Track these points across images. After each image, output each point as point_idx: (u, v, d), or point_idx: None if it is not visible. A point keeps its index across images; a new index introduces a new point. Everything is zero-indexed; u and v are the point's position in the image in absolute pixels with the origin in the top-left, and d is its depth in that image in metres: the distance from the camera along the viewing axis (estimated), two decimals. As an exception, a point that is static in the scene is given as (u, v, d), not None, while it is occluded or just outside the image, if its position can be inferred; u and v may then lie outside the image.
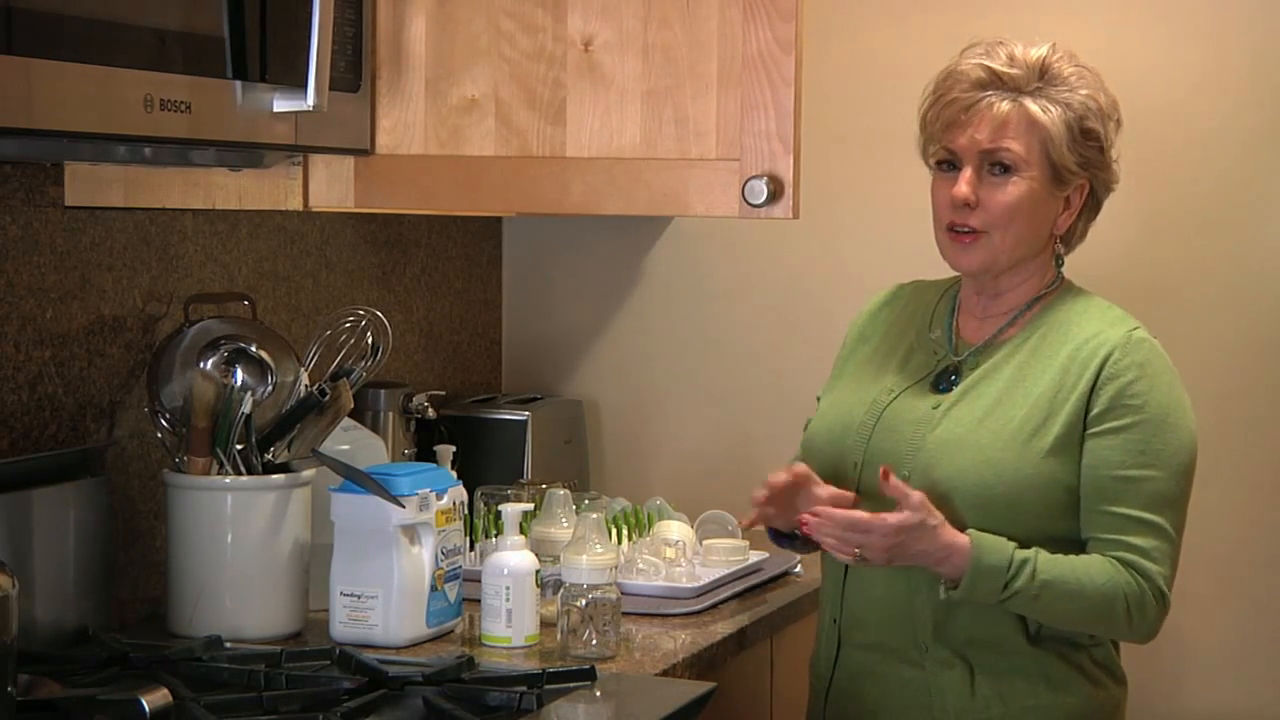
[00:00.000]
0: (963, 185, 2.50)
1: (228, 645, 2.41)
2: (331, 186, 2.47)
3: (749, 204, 2.34)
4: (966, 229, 2.51)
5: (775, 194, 2.34)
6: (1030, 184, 2.49)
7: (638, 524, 2.99)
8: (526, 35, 2.41)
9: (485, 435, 3.29)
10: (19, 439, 2.44)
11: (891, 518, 2.39)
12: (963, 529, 2.45)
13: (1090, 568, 2.44)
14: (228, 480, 2.51)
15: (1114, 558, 2.44)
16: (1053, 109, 2.49)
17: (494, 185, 2.45)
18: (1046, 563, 2.42)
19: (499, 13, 2.42)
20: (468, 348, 3.51)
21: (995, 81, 2.50)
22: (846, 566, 2.57)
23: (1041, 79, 2.51)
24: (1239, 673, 3.25)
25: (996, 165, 2.49)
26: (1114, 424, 2.49)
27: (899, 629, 2.54)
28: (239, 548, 2.51)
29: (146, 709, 2.07)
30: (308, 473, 2.56)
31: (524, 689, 2.22)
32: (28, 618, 2.21)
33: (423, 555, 2.52)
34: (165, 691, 2.11)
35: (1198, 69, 3.21)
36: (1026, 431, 2.47)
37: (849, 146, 3.21)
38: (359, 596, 2.50)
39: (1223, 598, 3.25)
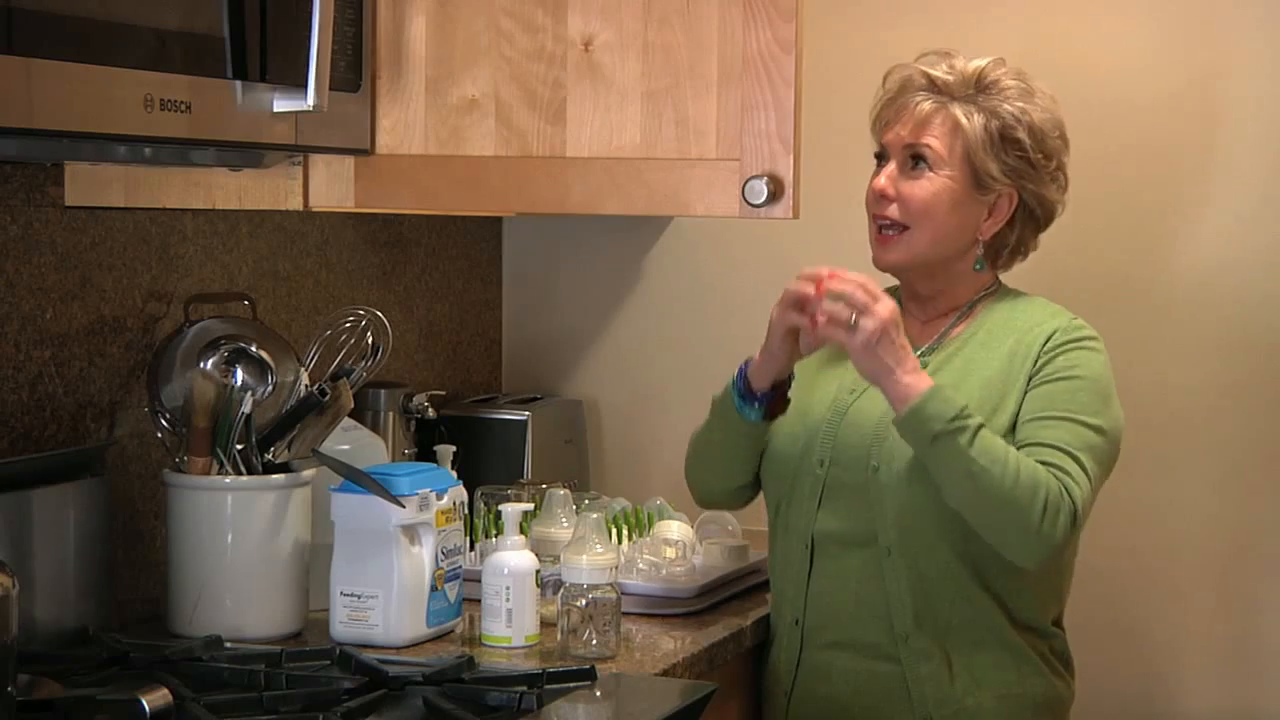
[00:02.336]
0: (881, 177, 2.64)
1: (228, 645, 2.41)
2: (331, 186, 2.47)
3: (749, 204, 2.35)
4: (890, 224, 2.62)
5: (775, 194, 2.34)
6: (948, 182, 2.60)
7: (638, 524, 2.99)
8: (526, 35, 2.41)
9: (485, 435, 3.29)
10: (19, 439, 2.44)
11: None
12: (931, 517, 2.54)
13: (1023, 457, 2.50)
14: (228, 480, 2.51)
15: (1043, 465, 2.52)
16: (976, 115, 2.61)
17: (494, 185, 2.45)
18: (989, 431, 2.49)
19: (499, 13, 2.42)
20: (468, 348, 3.51)
21: (929, 86, 2.63)
22: (810, 565, 2.63)
23: (976, 88, 2.63)
24: (1239, 673, 3.25)
25: (915, 159, 2.59)
26: (1049, 378, 2.58)
27: (874, 623, 2.59)
28: (239, 548, 2.51)
29: (146, 709, 2.07)
30: (308, 473, 2.56)
31: (524, 689, 2.22)
32: (28, 618, 2.21)
33: (423, 555, 2.52)
34: (165, 691, 2.11)
35: (1184, 67, 3.21)
36: (984, 414, 2.54)
37: (849, 146, 3.20)
38: (359, 596, 2.50)
39: (1222, 598, 3.25)
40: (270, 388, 2.55)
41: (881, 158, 2.66)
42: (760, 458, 2.70)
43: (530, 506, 2.71)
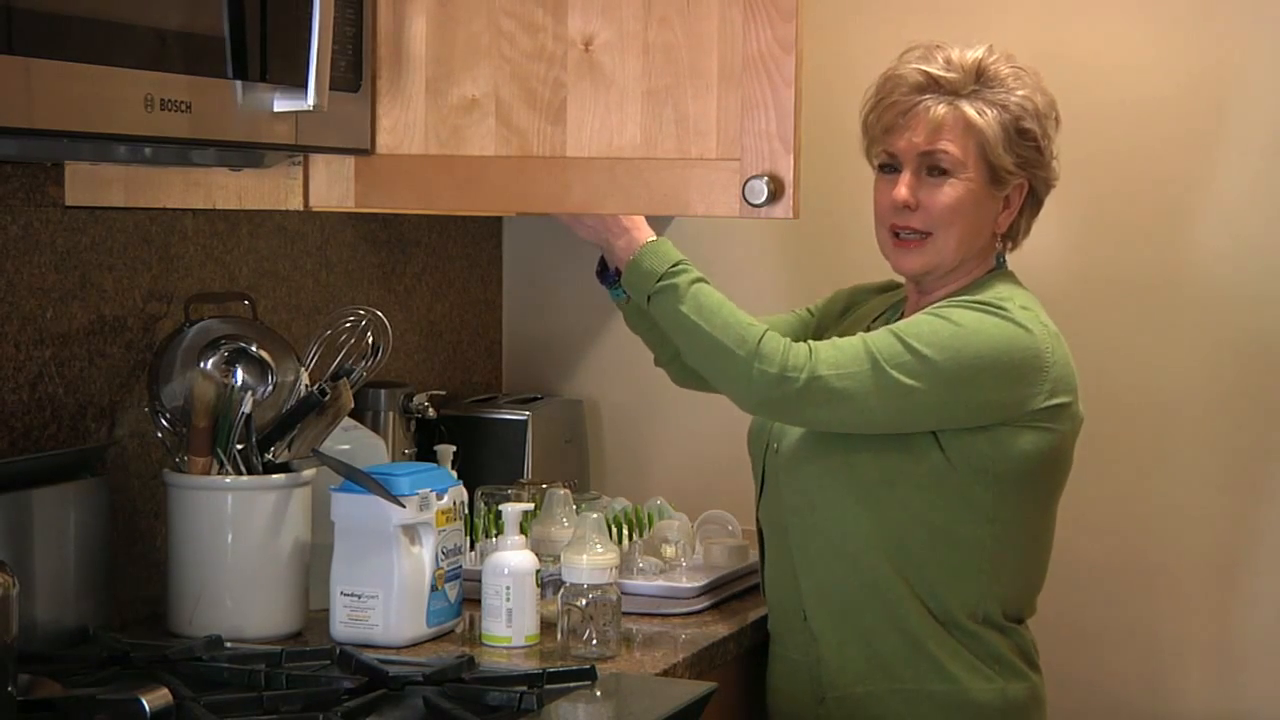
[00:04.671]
0: (902, 188, 2.60)
1: (228, 645, 2.41)
2: (332, 186, 2.47)
3: (749, 204, 2.34)
4: (911, 232, 2.58)
5: (775, 194, 2.34)
6: (968, 185, 2.58)
7: (638, 524, 2.99)
8: (527, 35, 2.41)
9: (485, 435, 3.29)
10: (19, 439, 2.44)
11: None
12: (817, 496, 2.56)
13: (739, 313, 2.52)
14: (228, 480, 2.51)
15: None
16: (989, 111, 2.58)
17: (494, 185, 2.45)
18: (711, 288, 2.53)
19: (499, 12, 2.42)
20: (468, 348, 3.51)
21: (932, 85, 2.60)
22: (763, 549, 2.69)
23: (978, 81, 2.60)
24: (1239, 673, 3.25)
25: (933, 169, 2.57)
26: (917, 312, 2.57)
27: (788, 609, 2.64)
28: (239, 548, 2.51)
29: (147, 709, 2.07)
30: (308, 473, 2.56)
31: (524, 689, 2.22)
32: (28, 618, 2.21)
33: (423, 555, 2.52)
34: (165, 691, 2.11)
35: (1181, 67, 3.21)
36: None
37: (849, 146, 3.20)
38: (359, 596, 2.50)
39: (1222, 598, 3.25)
40: (270, 388, 2.55)
41: (890, 167, 2.62)
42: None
43: (530, 506, 2.71)
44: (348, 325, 2.69)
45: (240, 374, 2.53)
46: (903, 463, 2.52)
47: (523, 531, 2.57)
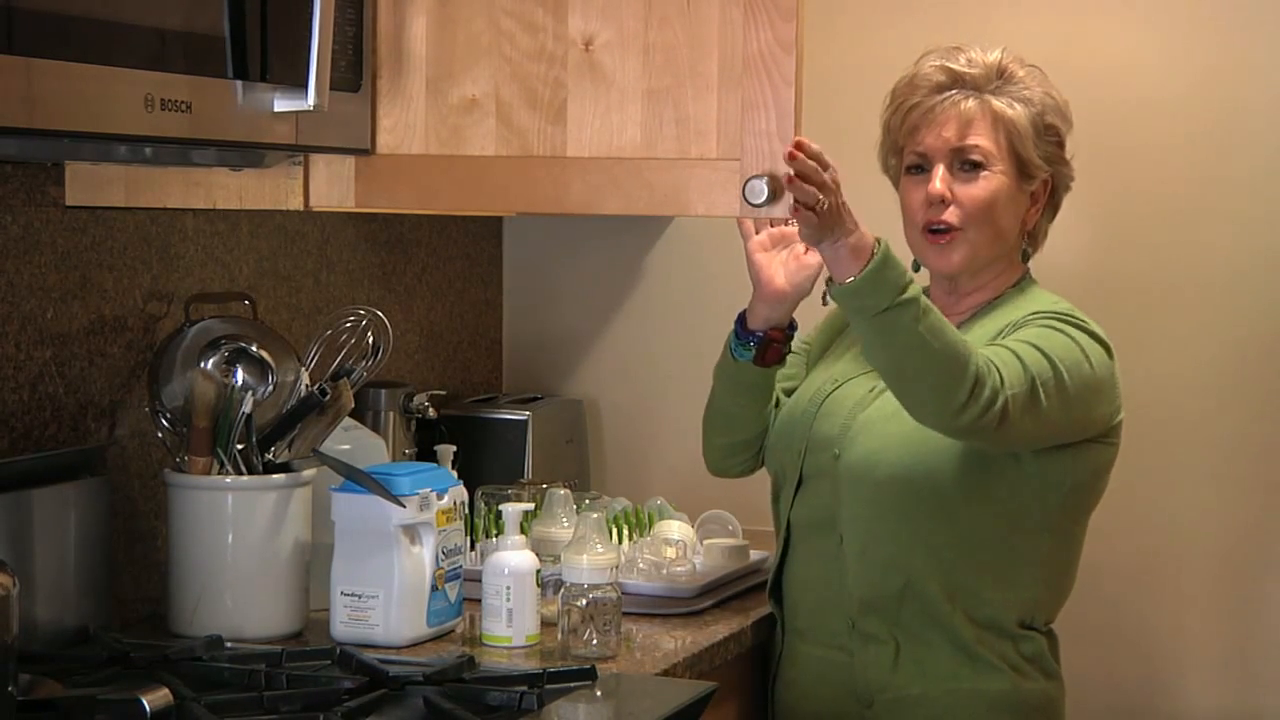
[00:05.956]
0: (937, 182, 2.60)
1: (228, 645, 2.41)
2: (332, 186, 2.47)
3: (749, 204, 2.34)
4: (943, 228, 2.56)
5: (775, 194, 2.34)
6: (1001, 178, 2.59)
7: (638, 524, 2.99)
8: (527, 35, 2.41)
9: (486, 435, 3.29)
10: (19, 439, 2.44)
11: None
12: (886, 507, 2.53)
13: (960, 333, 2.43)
14: (228, 480, 2.51)
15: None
16: (1017, 105, 2.59)
17: (494, 185, 2.45)
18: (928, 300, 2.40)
19: (500, 12, 2.42)
20: (468, 348, 3.51)
21: (957, 82, 2.60)
22: (786, 547, 2.67)
23: (1000, 78, 2.61)
24: (1239, 673, 3.25)
25: (966, 163, 2.56)
26: (1020, 325, 2.53)
27: (831, 611, 2.62)
28: (240, 547, 2.51)
29: (147, 709, 2.07)
30: (308, 472, 2.56)
31: (524, 689, 2.22)
32: (28, 618, 2.21)
33: (423, 555, 2.52)
34: (166, 691, 2.11)
35: (1193, 67, 3.21)
36: None
37: (849, 146, 3.20)
38: (359, 596, 2.50)
39: (1222, 598, 3.25)
40: (271, 387, 2.55)
41: (919, 168, 2.61)
42: (762, 418, 2.73)
43: (530, 506, 2.71)
44: (348, 325, 2.69)
45: (240, 374, 2.53)
46: (984, 478, 2.53)
47: (523, 531, 2.57)
